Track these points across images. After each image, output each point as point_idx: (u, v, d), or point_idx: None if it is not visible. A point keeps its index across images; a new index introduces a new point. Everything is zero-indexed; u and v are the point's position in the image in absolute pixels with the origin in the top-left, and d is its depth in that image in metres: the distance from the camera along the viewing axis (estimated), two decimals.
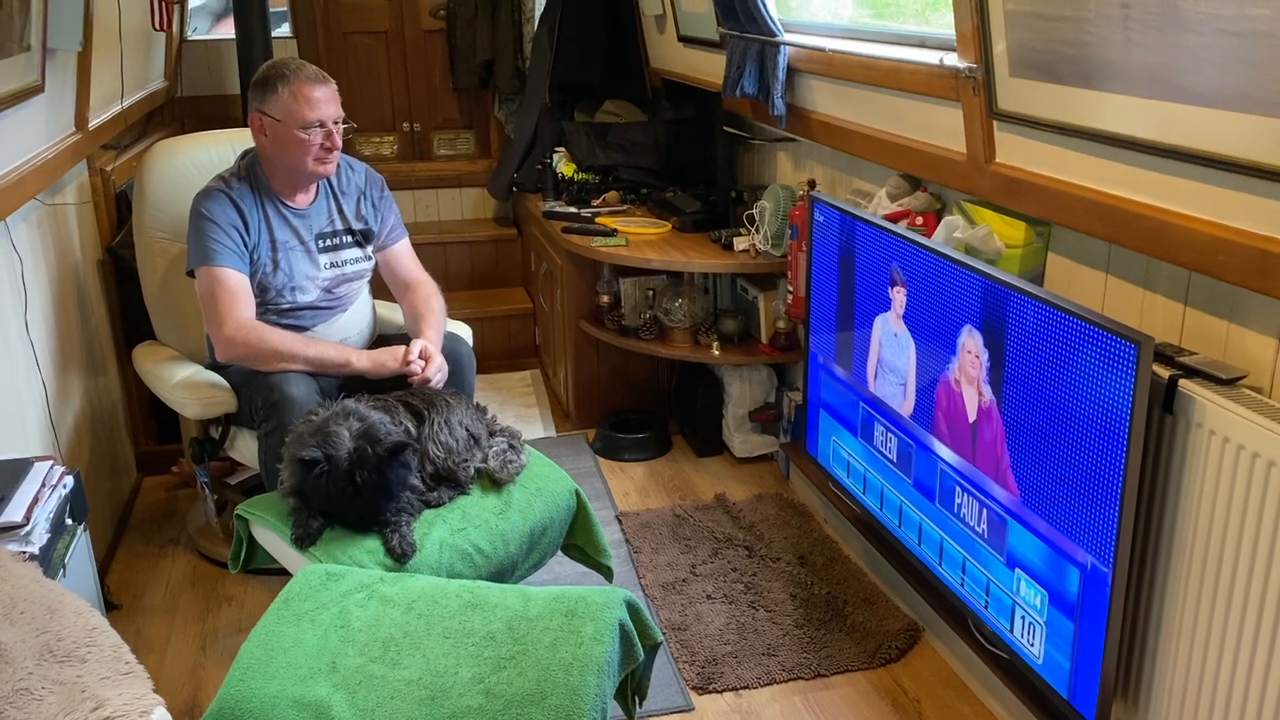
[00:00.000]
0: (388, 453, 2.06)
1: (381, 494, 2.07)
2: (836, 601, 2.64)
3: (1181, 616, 1.68)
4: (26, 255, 2.51)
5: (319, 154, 2.45)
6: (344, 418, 2.11)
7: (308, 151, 2.43)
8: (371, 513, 2.09)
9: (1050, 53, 1.87)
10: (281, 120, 2.42)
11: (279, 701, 1.65)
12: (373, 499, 2.07)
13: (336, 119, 2.46)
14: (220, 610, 2.71)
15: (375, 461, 2.05)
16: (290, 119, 2.41)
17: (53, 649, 1.48)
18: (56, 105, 2.70)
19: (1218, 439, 1.57)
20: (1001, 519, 1.99)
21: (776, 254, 3.17)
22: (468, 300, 4.38)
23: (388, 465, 2.06)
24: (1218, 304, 1.72)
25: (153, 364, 2.70)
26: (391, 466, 2.07)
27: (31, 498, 1.85)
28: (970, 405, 2.06)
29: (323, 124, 2.42)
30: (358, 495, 2.05)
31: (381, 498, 2.07)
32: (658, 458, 3.53)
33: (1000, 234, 2.13)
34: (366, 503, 2.07)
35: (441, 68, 4.77)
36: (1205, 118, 1.58)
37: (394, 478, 2.08)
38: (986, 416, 2.00)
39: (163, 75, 4.13)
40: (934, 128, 2.33)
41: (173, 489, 3.32)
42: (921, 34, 2.45)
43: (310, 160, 2.45)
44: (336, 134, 2.45)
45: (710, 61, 3.42)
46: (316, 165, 2.46)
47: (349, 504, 2.07)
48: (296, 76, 2.41)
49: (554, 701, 1.64)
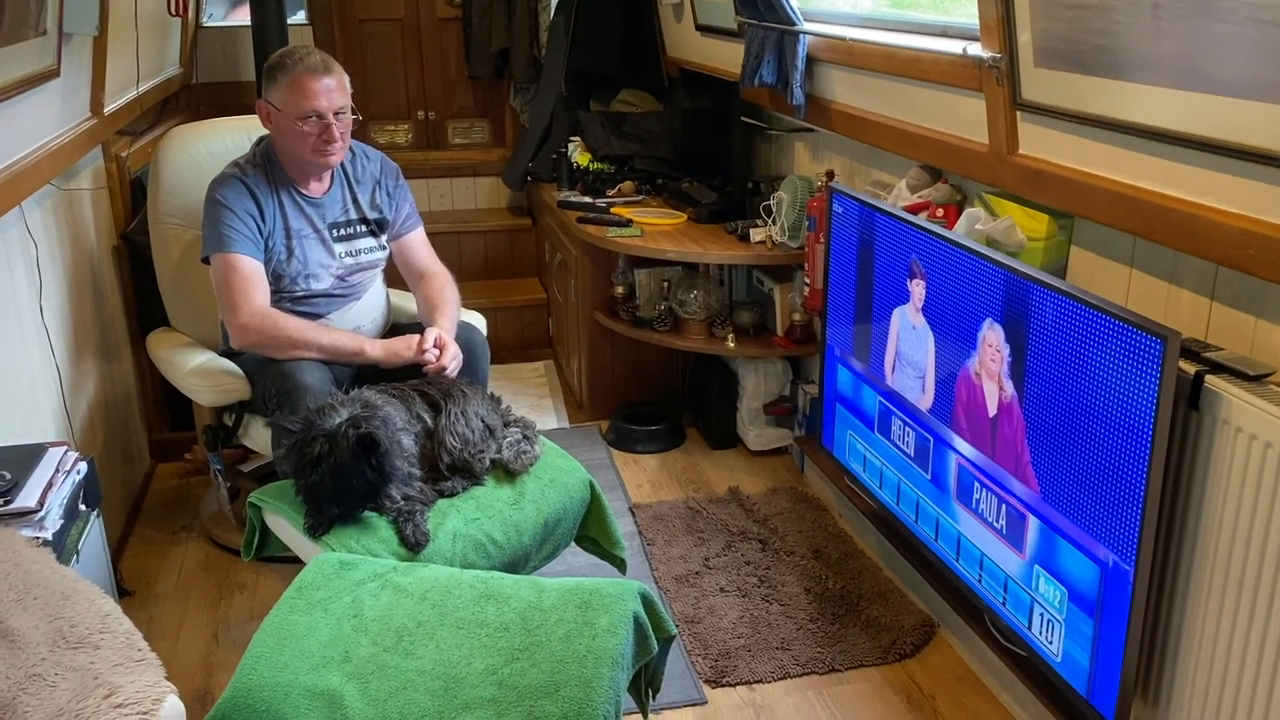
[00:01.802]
0: (355, 441, 2.01)
1: (337, 477, 2.02)
2: (851, 596, 2.63)
3: (1205, 615, 1.66)
4: (41, 240, 2.51)
5: (317, 145, 2.42)
6: (355, 404, 2.10)
7: (305, 141, 2.41)
8: (330, 494, 2.04)
9: (1077, 42, 1.84)
10: (281, 110, 2.40)
11: (291, 690, 1.64)
12: (332, 479, 2.02)
13: (338, 110, 2.42)
14: (232, 598, 2.71)
15: (343, 445, 2.00)
16: (288, 109, 2.39)
17: (66, 635, 1.48)
18: (72, 90, 2.69)
19: (1244, 436, 1.55)
20: (1021, 515, 1.96)
21: (793, 246, 3.14)
22: (481, 290, 4.37)
23: (351, 452, 2.01)
24: (1245, 299, 1.69)
25: (167, 350, 2.70)
26: (355, 454, 2.01)
27: (45, 483, 1.84)
28: (991, 399, 2.03)
29: (320, 115, 2.39)
30: (315, 470, 2.02)
31: (336, 480, 2.02)
32: (671, 450, 3.52)
33: (1023, 226, 2.11)
34: (324, 481, 2.02)
35: (457, 56, 4.75)
36: (1236, 109, 1.55)
37: (351, 466, 2.02)
38: (1007, 411, 1.98)
39: (178, 61, 4.12)
40: (956, 118, 2.30)
41: (186, 476, 3.32)
42: (943, 23, 2.42)
43: (309, 151, 2.43)
44: (336, 126, 2.42)
45: (728, 51, 3.39)
46: (315, 156, 2.44)
47: (308, 477, 2.04)
48: (297, 66, 2.38)
49: (567, 694, 1.63)
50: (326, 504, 2.06)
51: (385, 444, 2.03)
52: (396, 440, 2.10)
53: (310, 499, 2.07)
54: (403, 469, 2.10)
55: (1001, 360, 1.98)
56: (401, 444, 2.12)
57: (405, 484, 2.14)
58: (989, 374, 2.03)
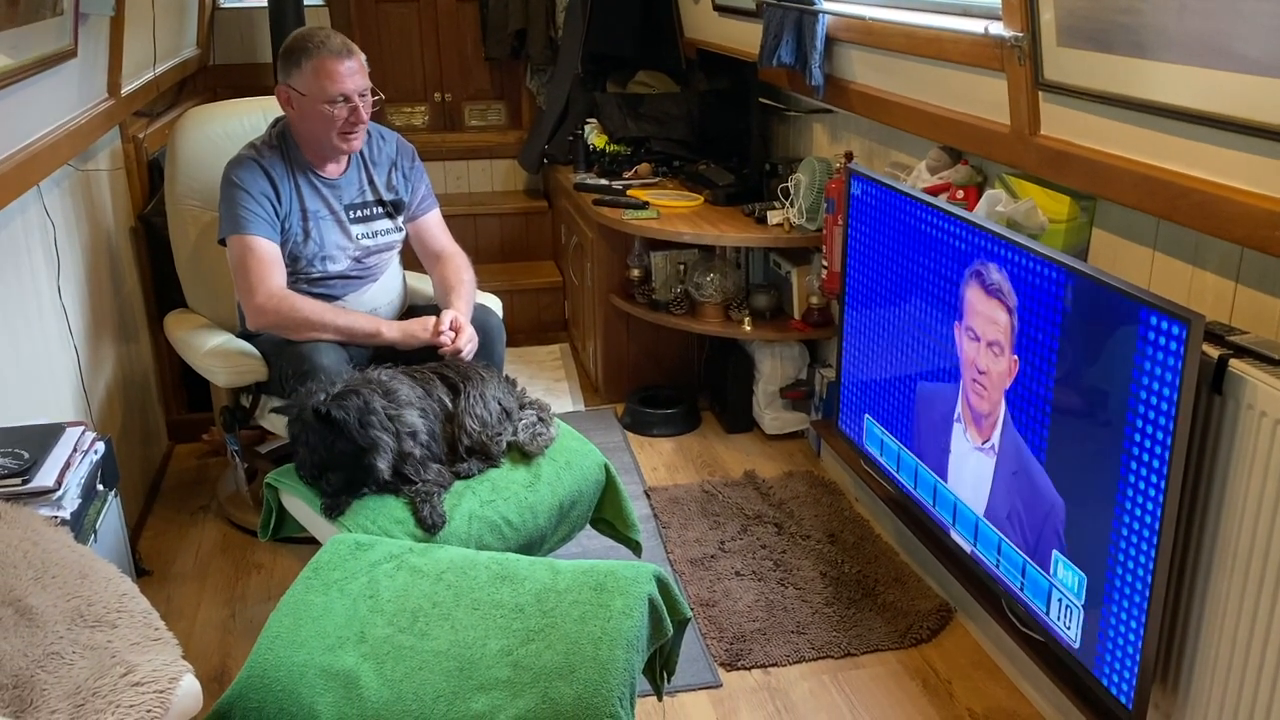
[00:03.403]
0: (314, 416, 2.07)
1: (312, 452, 2.09)
2: (867, 580, 2.62)
3: (1226, 602, 1.64)
4: (59, 220, 2.52)
5: (344, 128, 2.42)
6: (340, 381, 2.14)
7: (332, 125, 2.41)
8: (312, 468, 2.11)
9: (1101, 21, 1.81)
10: (306, 94, 2.39)
11: (307, 670, 1.65)
12: (309, 454, 2.10)
13: (362, 91, 2.42)
14: (249, 578, 2.72)
15: (309, 421, 2.08)
16: (314, 93, 2.38)
17: (83, 614, 1.49)
18: (89, 71, 2.69)
19: (1269, 420, 1.52)
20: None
21: (811, 228, 3.12)
22: (497, 273, 4.36)
23: (314, 429, 2.07)
24: (1271, 281, 1.67)
25: (184, 332, 2.71)
26: (319, 430, 2.07)
27: (63, 463, 1.85)
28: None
29: (347, 98, 2.40)
30: (296, 445, 2.13)
31: (312, 455, 2.09)
32: (687, 433, 3.51)
33: (1044, 208, 2.08)
34: (305, 457, 2.11)
35: (473, 37, 4.73)
36: (1262, 87, 1.52)
37: (321, 440, 2.07)
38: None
39: (195, 42, 4.12)
40: (977, 99, 2.27)
41: (203, 457, 3.34)
42: (965, 2, 2.38)
43: (334, 135, 2.43)
44: (362, 107, 2.42)
45: (746, 31, 3.36)
46: (340, 140, 2.44)
47: (296, 454, 2.14)
48: (320, 50, 2.38)
49: (582, 675, 1.63)
50: (315, 478, 2.11)
51: (346, 417, 2.05)
52: (397, 415, 2.12)
53: (301, 473, 2.14)
54: (385, 441, 2.09)
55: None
56: (404, 419, 2.13)
57: (421, 464, 2.15)
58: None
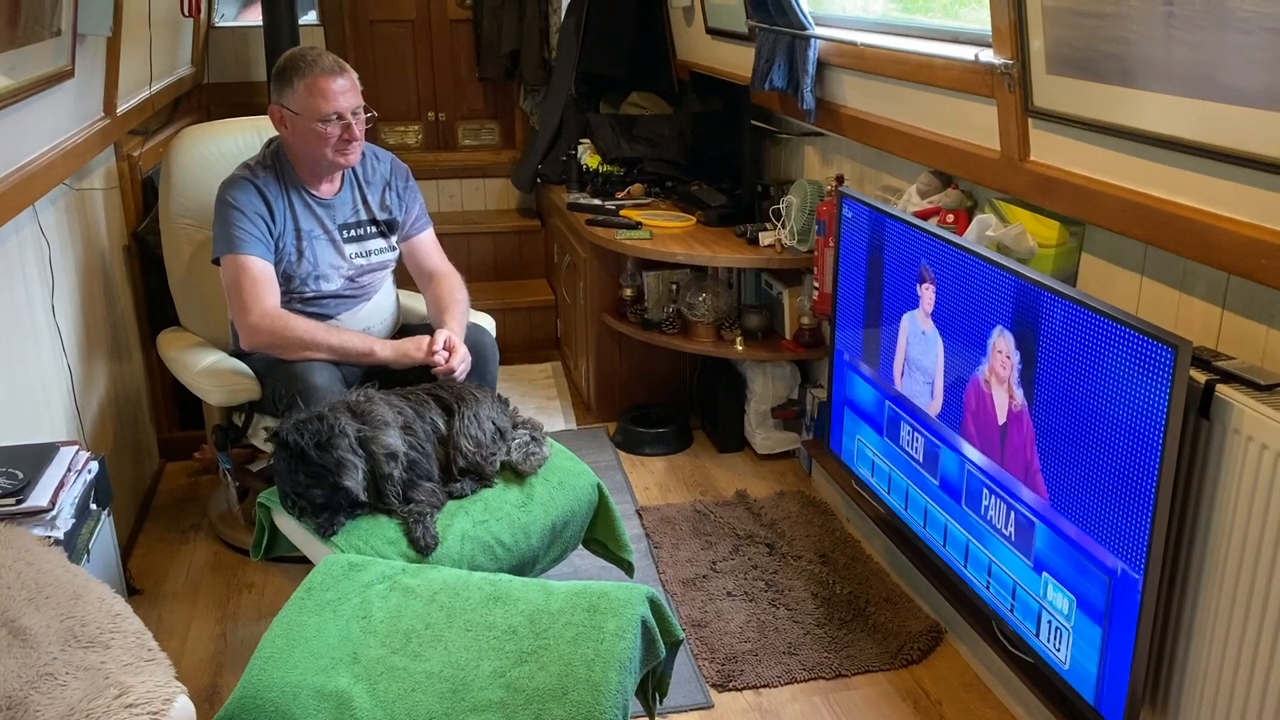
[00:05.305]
0: (274, 437, 2.12)
1: (280, 478, 2.14)
2: (858, 601, 2.62)
3: (1214, 625, 1.66)
4: (54, 239, 2.52)
5: (338, 145, 2.44)
6: (343, 406, 2.17)
7: (326, 143, 2.43)
8: (289, 487, 2.13)
9: (1089, 50, 1.83)
10: (299, 114, 2.41)
11: (300, 691, 1.65)
12: (280, 477, 2.14)
13: (355, 109, 2.44)
14: (241, 597, 2.71)
15: (274, 447, 2.13)
16: (307, 112, 2.40)
17: (77, 634, 1.49)
18: (86, 90, 2.70)
19: (1255, 445, 1.54)
20: (1030, 522, 1.96)
21: (802, 249, 3.14)
22: (490, 291, 4.38)
23: (277, 455, 2.12)
24: (1257, 308, 1.69)
25: (177, 350, 2.71)
26: (281, 457, 2.11)
27: (57, 482, 1.85)
28: (1000, 406, 2.03)
29: (340, 116, 2.41)
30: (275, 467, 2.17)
31: (281, 480, 2.15)
32: (678, 452, 3.52)
33: (1033, 233, 2.10)
34: (283, 477, 2.14)
35: (468, 57, 4.76)
36: (1250, 118, 1.55)
37: (286, 465, 2.10)
38: (1017, 418, 1.98)
39: (190, 61, 4.14)
40: (967, 124, 2.30)
41: (195, 475, 3.33)
42: (955, 29, 2.41)
43: (330, 152, 2.44)
44: (355, 125, 2.44)
45: (738, 54, 3.39)
46: (336, 156, 2.46)
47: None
48: (312, 69, 2.39)
49: (575, 697, 1.63)
50: (289, 504, 2.14)
51: (300, 440, 2.08)
52: (372, 437, 2.13)
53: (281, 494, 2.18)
54: (351, 461, 2.09)
55: (1012, 367, 1.98)
56: (380, 440, 2.14)
57: (404, 485, 2.17)
58: (999, 381, 2.03)
